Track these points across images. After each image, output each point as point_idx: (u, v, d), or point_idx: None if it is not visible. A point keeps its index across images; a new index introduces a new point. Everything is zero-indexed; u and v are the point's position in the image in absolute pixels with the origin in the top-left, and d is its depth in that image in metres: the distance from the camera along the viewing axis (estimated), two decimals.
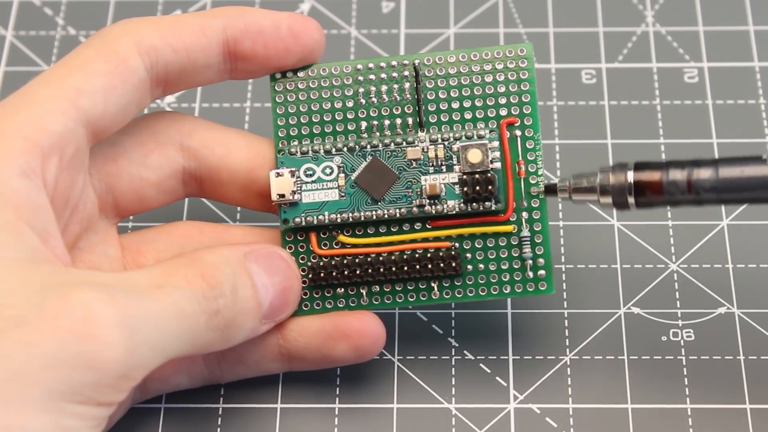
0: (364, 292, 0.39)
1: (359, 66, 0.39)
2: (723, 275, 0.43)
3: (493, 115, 0.39)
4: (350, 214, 0.39)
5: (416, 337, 0.42)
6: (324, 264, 0.39)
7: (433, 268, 0.38)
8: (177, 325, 0.33)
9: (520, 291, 0.39)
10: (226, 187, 0.40)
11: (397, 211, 0.38)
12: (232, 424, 0.41)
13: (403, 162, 0.39)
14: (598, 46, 0.49)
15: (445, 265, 0.38)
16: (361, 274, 0.39)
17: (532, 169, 0.39)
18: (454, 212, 0.38)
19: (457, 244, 0.39)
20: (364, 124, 0.39)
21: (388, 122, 0.39)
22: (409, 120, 0.39)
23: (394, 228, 0.39)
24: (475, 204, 0.38)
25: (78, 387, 0.31)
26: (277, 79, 0.40)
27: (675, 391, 0.41)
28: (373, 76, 0.39)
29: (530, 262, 0.38)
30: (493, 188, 0.38)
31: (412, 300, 0.39)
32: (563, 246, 0.44)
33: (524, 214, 0.39)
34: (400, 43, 0.49)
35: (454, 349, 0.42)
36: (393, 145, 0.39)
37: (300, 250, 0.39)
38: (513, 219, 0.39)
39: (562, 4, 0.50)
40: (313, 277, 0.39)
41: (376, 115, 0.39)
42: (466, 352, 0.42)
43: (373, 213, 0.39)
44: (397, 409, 0.41)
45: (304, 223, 0.39)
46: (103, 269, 0.38)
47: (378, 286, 0.39)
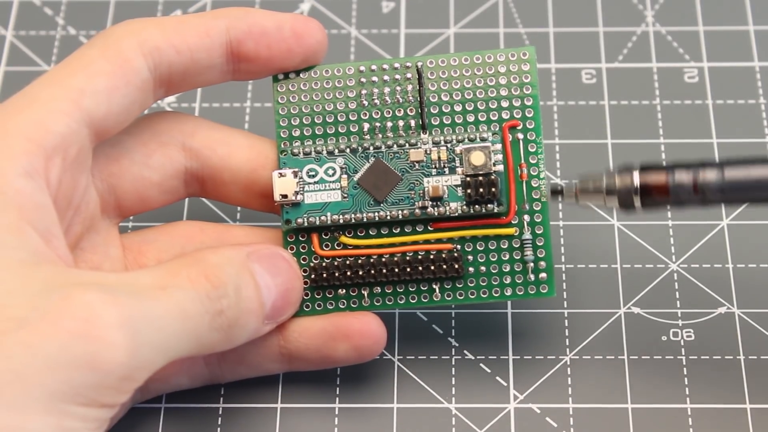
0: (366, 293, 0.39)
1: (362, 68, 0.39)
2: (723, 275, 0.43)
3: (496, 117, 0.39)
4: (353, 216, 0.39)
5: (416, 336, 0.42)
6: (325, 265, 0.39)
7: (435, 269, 0.38)
8: (180, 326, 0.33)
9: (521, 293, 0.39)
10: (228, 187, 0.40)
11: (400, 212, 0.38)
12: (232, 424, 0.41)
13: (406, 164, 0.39)
14: (598, 46, 0.49)
15: (447, 267, 0.38)
16: (362, 275, 0.38)
17: (534, 172, 0.39)
18: (457, 214, 0.38)
19: (458, 246, 0.39)
20: (367, 126, 0.39)
21: (390, 124, 0.39)
22: (412, 122, 0.39)
23: (396, 229, 0.39)
24: (477, 206, 0.38)
25: (80, 388, 0.31)
26: (280, 80, 0.40)
27: (675, 391, 0.41)
28: (376, 78, 0.39)
29: (532, 264, 0.39)
30: (495, 191, 0.38)
31: (414, 301, 0.39)
32: (563, 246, 0.44)
33: (526, 217, 0.39)
34: (400, 43, 0.49)
35: (454, 349, 0.42)
36: (396, 146, 0.39)
37: (301, 250, 0.39)
38: (515, 222, 0.39)
39: (562, 4, 0.50)
40: (315, 277, 0.39)
41: (378, 116, 0.39)
42: (466, 352, 0.42)
43: (376, 214, 0.39)
44: (397, 409, 0.41)
45: (307, 224, 0.39)
46: (105, 269, 0.38)
47: (379, 287, 0.39)
